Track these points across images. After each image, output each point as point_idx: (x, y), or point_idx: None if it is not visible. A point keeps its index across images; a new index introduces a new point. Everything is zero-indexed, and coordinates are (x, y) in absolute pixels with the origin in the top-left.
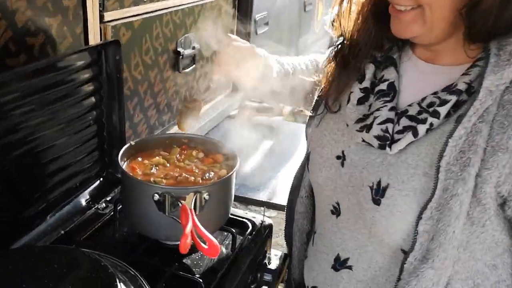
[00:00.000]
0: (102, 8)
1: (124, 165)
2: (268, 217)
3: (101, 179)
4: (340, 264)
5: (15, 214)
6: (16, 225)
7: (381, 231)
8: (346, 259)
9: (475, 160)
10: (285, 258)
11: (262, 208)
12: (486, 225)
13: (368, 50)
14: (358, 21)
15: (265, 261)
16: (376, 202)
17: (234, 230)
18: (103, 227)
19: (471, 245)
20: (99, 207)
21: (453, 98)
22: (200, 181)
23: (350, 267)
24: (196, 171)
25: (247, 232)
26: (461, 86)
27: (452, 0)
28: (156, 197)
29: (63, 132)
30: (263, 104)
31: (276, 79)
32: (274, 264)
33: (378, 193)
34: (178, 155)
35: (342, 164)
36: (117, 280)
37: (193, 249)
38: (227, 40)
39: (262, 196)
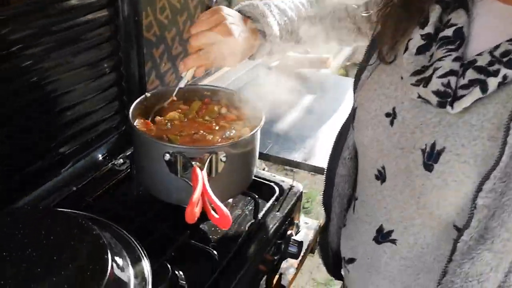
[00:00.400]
0: None
1: (136, 120)
2: (300, 183)
3: (120, 132)
4: (383, 236)
5: (24, 166)
6: (25, 178)
7: (431, 202)
8: (390, 232)
9: None
10: (321, 228)
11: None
12: None
13: None
14: None
15: (291, 231)
16: (428, 167)
17: (256, 196)
18: (117, 185)
19: None
20: (116, 163)
21: None
22: (219, 140)
23: (394, 241)
24: (216, 128)
25: (273, 198)
26: None
27: None
28: (167, 157)
29: (78, 79)
30: (307, 56)
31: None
32: (302, 234)
33: (431, 157)
34: (198, 110)
35: (392, 123)
36: (109, 253)
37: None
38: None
39: (297, 157)
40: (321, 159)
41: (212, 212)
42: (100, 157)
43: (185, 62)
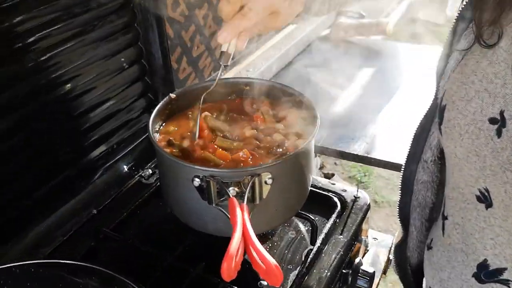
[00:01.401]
0: None
1: (158, 133)
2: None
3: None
4: (488, 275)
5: (32, 189)
6: (35, 203)
7: None
8: (501, 270)
9: None
10: (397, 244)
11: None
12: None
13: None
14: None
15: (359, 258)
16: None
17: (313, 217)
18: (144, 205)
19: None
20: (143, 174)
21: None
22: (263, 156)
23: (506, 283)
24: (261, 136)
25: (334, 216)
26: None
27: None
28: (197, 182)
29: (94, 75)
30: (361, 20)
31: None
32: (371, 253)
33: None
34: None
35: (499, 133)
36: None
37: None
38: None
39: (357, 149)
40: (387, 151)
41: (257, 259)
42: (125, 168)
43: (223, 33)
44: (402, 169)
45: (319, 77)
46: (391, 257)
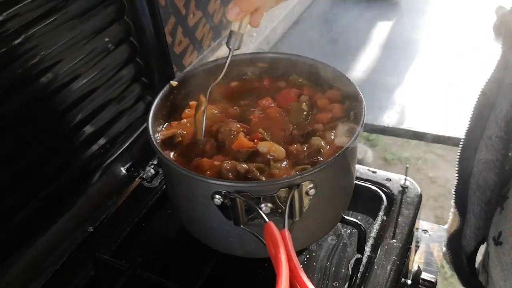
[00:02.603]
0: None
1: (159, 133)
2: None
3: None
4: None
5: (12, 210)
6: (13, 228)
7: None
8: None
9: None
10: (453, 231)
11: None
12: None
13: None
14: None
15: (417, 264)
16: None
17: (357, 222)
18: (151, 215)
19: None
20: (144, 176)
21: None
22: (300, 159)
23: None
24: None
25: (381, 214)
26: None
27: None
28: (218, 200)
29: (75, 62)
30: None
31: None
32: (422, 248)
33: None
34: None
35: None
36: None
37: None
38: None
39: (386, 120)
40: (420, 117)
41: None
42: (123, 170)
43: (234, 8)
44: (459, 149)
45: (330, 38)
46: (444, 249)
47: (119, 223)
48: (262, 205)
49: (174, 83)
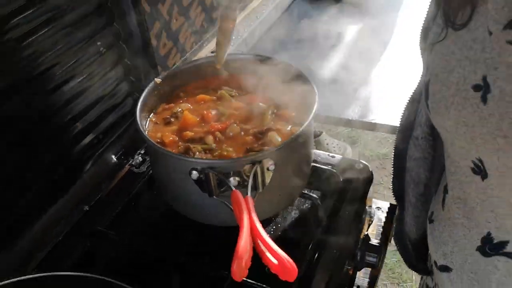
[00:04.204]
0: None
1: (148, 120)
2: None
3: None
4: (492, 247)
5: (17, 194)
6: (23, 207)
7: None
8: (504, 243)
9: None
10: (396, 218)
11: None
12: None
13: None
14: None
15: (366, 232)
16: None
17: (316, 196)
18: (140, 195)
19: None
20: (133, 163)
21: None
22: (259, 138)
23: (510, 255)
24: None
25: (336, 191)
26: None
27: None
28: (195, 175)
29: (73, 66)
30: None
31: None
32: (375, 222)
33: None
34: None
35: (484, 99)
36: None
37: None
38: None
39: (350, 113)
40: (382, 113)
41: (268, 254)
42: (114, 158)
43: None
44: (393, 147)
45: (303, 40)
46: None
47: (111, 203)
48: (231, 179)
49: (158, 80)
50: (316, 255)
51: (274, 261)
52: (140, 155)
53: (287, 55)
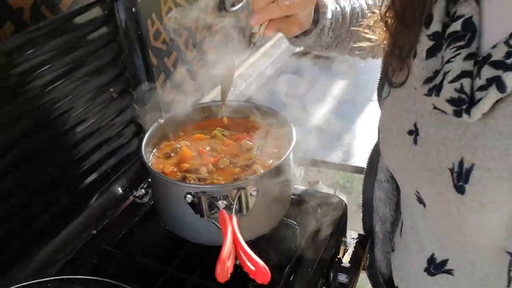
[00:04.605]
0: None
1: (151, 154)
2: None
3: (139, 158)
4: (436, 267)
5: (36, 215)
6: (39, 229)
7: (473, 229)
8: (444, 261)
9: None
10: (367, 252)
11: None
12: None
13: None
14: None
15: (339, 256)
16: (459, 190)
17: (296, 223)
18: (141, 223)
19: None
20: (137, 194)
21: None
22: (245, 170)
23: (450, 272)
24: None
25: (314, 220)
26: None
27: None
28: (189, 198)
29: (85, 108)
30: None
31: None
32: (350, 252)
33: (461, 177)
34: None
35: (415, 141)
36: None
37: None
38: None
39: (334, 158)
40: (364, 157)
41: (247, 262)
42: (120, 190)
43: (256, 16)
44: (361, 188)
45: (295, 93)
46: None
47: (116, 228)
48: (220, 202)
49: (161, 121)
50: (293, 275)
51: (252, 268)
52: (143, 188)
53: (278, 105)
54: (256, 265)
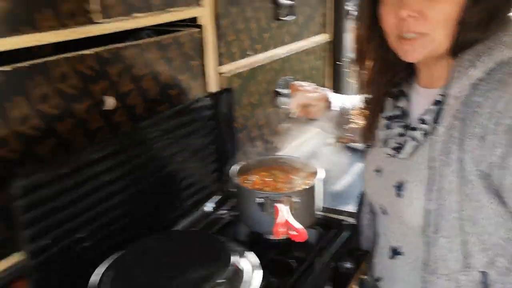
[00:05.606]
0: (219, 64)
1: (236, 179)
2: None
3: (222, 193)
4: (394, 253)
5: (161, 217)
6: (162, 225)
7: (407, 216)
8: (400, 247)
9: (455, 148)
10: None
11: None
12: (481, 200)
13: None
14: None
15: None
16: (399, 195)
17: (319, 227)
18: (223, 227)
19: (479, 221)
20: (220, 213)
21: (435, 108)
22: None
23: (402, 253)
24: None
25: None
26: (439, 98)
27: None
28: (259, 200)
29: (192, 160)
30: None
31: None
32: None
33: (400, 188)
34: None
35: (380, 175)
36: (231, 253)
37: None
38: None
39: (350, 208)
40: None
41: (292, 232)
42: (209, 209)
43: (293, 102)
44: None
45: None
46: None
47: (208, 229)
48: (276, 204)
49: (243, 162)
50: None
51: (295, 232)
52: (225, 210)
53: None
54: (298, 230)
